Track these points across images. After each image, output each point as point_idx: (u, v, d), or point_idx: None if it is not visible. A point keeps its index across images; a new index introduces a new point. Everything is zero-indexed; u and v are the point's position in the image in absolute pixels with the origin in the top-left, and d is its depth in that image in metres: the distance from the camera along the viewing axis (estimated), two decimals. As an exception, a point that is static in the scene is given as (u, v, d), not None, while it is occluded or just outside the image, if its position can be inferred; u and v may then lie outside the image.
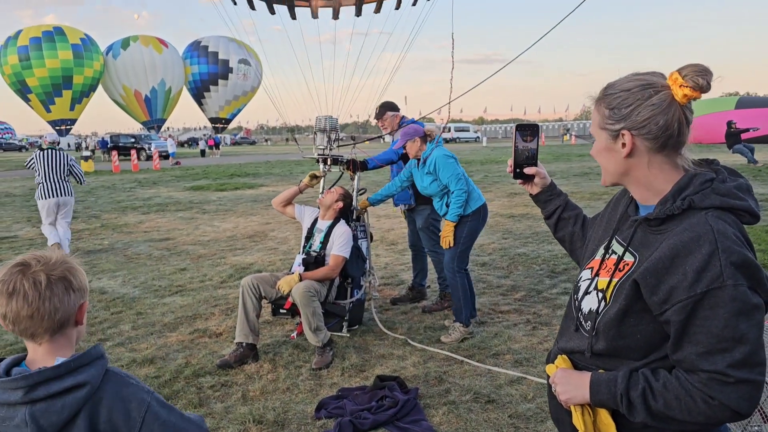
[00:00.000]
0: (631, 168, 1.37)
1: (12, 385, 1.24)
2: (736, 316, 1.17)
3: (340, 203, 4.73)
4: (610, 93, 1.36)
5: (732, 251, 1.18)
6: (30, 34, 40.03)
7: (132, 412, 1.31)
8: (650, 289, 1.27)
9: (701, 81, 1.25)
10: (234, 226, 10.56)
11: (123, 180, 21.82)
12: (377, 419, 3.35)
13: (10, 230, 10.58)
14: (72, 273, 1.35)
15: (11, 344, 4.71)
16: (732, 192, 1.28)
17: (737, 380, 1.18)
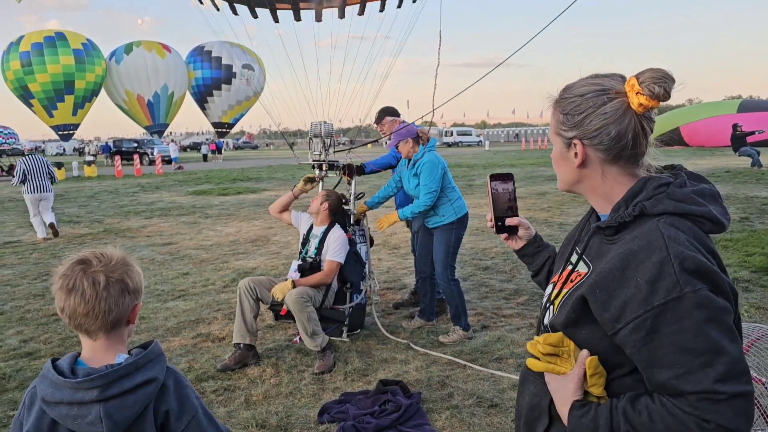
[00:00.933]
0: (585, 178, 1.29)
1: (88, 384, 1.28)
2: (706, 323, 1.05)
3: (325, 204, 4.72)
4: (565, 97, 1.27)
5: (685, 256, 1.08)
6: (32, 39, 40.17)
7: (183, 415, 1.39)
8: (600, 304, 1.15)
9: (657, 89, 1.14)
10: (236, 230, 10.57)
11: (126, 185, 21.86)
12: (380, 424, 3.34)
13: (13, 235, 10.61)
14: (129, 275, 1.40)
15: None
16: (689, 197, 1.17)
17: (729, 395, 1.05)
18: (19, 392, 3.92)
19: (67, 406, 1.29)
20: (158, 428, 1.37)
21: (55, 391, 1.30)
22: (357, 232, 5.03)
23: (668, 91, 1.15)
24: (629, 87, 1.17)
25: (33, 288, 6.69)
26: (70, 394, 1.29)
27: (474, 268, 7.04)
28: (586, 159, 1.26)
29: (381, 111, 5.46)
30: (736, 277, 6.06)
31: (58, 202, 16.02)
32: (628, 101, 1.18)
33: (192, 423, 1.39)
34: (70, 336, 4.99)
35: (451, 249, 4.74)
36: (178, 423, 1.38)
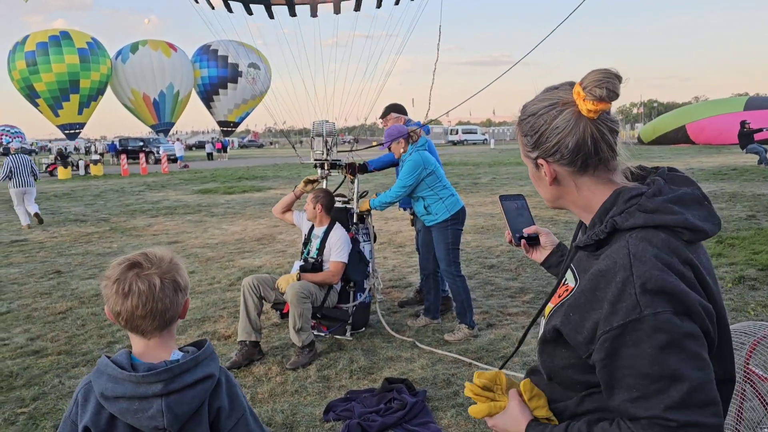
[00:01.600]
0: (562, 193, 1.25)
1: (152, 378, 1.31)
2: (663, 348, 1.00)
3: (319, 206, 4.72)
4: (522, 118, 1.24)
5: (648, 276, 1.02)
6: (37, 39, 40.32)
7: (233, 412, 1.42)
8: (574, 327, 1.12)
9: (598, 92, 1.10)
10: (242, 229, 10.59)
11: (132, 183, 21.94)
12: (385, 422, 3.35)
13: (20, 233, 10.66)
14: (179, 273, 1.44)
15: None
16: (662, 207, 1.10)
17: (680, 424, 0.99)
18: (26, 390, 3.94)
19: (128, 400, 1.31)
20: (210, 425, 1.40)
21: (116, 386, 1.31)
22: (360, 231, 5.03)
23: (613, 90, 1.11)
24: (576, 95, 1.14)
25: (40, 286, 6.73)
26: (132, 389, 1.31)
27: (479, 266, 7.04)
28: (555, 175, 1.23)
29: (387, 107, 5.48)
30: (742, 275, 6.04)
31: (64, 200, 16.10)
32: (578, 109, 1.14)
33: (240, 422, 1.43)
34: (77, 334, 5.01)
35: (450, 246, 4.75)
36: (228, 420, 1.42)
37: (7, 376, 4.18)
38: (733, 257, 6.87)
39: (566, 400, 1.24)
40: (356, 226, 5.00)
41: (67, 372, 4.24)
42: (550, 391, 1.27)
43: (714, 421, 1.00)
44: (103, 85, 42.91)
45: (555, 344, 1.20)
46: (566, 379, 1.21)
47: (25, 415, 3.61)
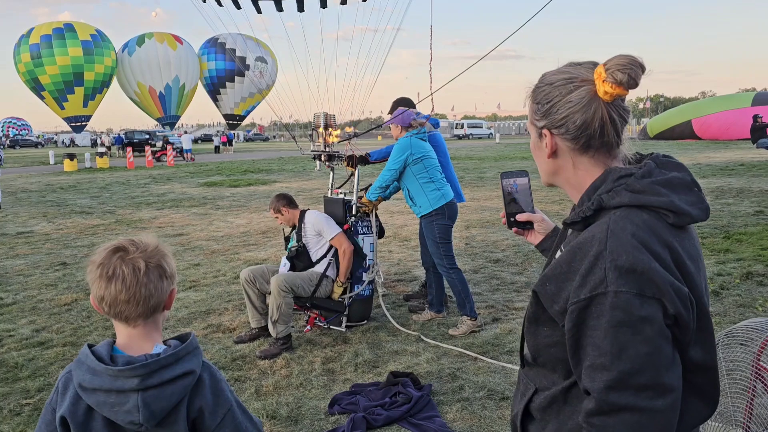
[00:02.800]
0: (559, 169, 1.26)
1: (129, 373, 1.28)
2: (616, 327, 1.02)
3: (282, 208, 4.80)
4: (538, 86, 1.25)
5: (620, 253, 1.04)
6: (41, 31, 40.42)
7: (218, 408, 1.38)
8: (550, 297, 1.14)
9: (620, 76, 1.10)
10: (247, 222, 10.59)
11: (137, 176, 21.98)
12: (390, 415, 3.33)
13: (26, 225, 10.69)
14: (165, 260, 1.41)
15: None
16: (649, 188, 1.11)
17: (615, 406, 1.02)
18: (32, 381, 3.95)
19: (104, 393, 1.29)
20: (190, 424, 1.36)
21: (94, 378, 1.29)
22: (358, 224, 4.93)
23: (634, 78, 1.11)
24: (597, 75, 1.14)
25: (45, 278, 6.74)
26: (109, 382, 1.28)
27: (485, 261, 7.01)
28: (556, 149, 1.24)
29: (395, 102, 5.43)
30: (750, 271, 6.00)
31: (70, 193, 16.13)
32: (595, 89, 1.15)
33: (227, 417, 1.39)
34: (82, 326, 5.02)
35: (438, 240, 4.71)
36: (214, 417, 1.38)
37: (12, 367, 4.19)
38: (741, 253, 6.83)
39: (552, 386, 1.23)
40: (354, 218, 4.92)
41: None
42: (537, 380, 1.27)
43: (649, 404, 1.01)
44: (108, 78, 42.96)
45: (537, 323, 1.21)
46: (550, 358, 1.21)
47: (30, 406, 3.61)
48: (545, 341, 1.21)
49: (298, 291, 4.41)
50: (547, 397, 1.23)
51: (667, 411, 1.03)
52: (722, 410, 2.25)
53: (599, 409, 1.04)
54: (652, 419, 1.02)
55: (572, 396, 1.18)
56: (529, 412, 1.29)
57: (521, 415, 1.30)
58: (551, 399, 1.23)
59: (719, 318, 4.75)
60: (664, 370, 1.03)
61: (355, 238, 4.82)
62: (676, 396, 1.04)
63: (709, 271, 6.16)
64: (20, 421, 3.42)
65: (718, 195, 12.06)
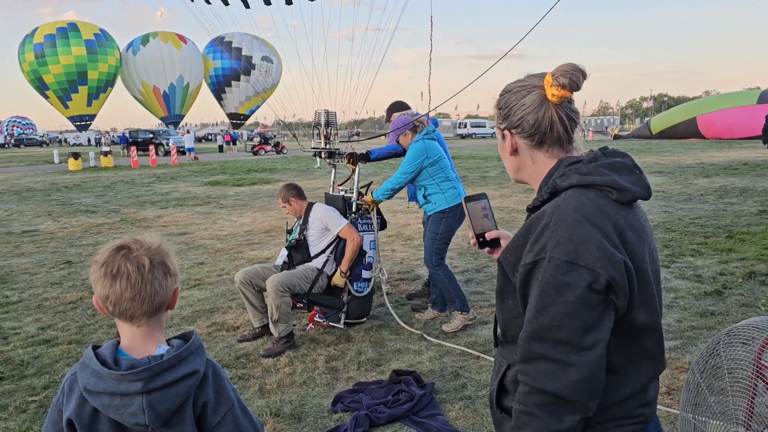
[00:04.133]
0: (521, 165, 1.44)
1: (132, 377, 1.29)
2: (543, 287, 1.19)
3: (291, 198, 4.83)
4: (501, 94, 1.44)
5: (561, 224, 1.20)
6: (45, 31, 40.55)
7: (220, 406, 1.40)
8: (511, 267, 1.30)
9: (563, 80, 1.29)
10: (251, 221, 10.62)
11: (142, 175, 22.03)
12: (393, 413, 3.35)
13: (31, 224, 10.73)
14: (169, 258, 1.41)
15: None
16: (594, 170, 1.28)
17: (533, 354, 1.19)
18: (37, 379, 3.98)
19: (109, 396, 1.29)
20: (196, 419, 1.38)
21: (98, 381, 1.30)
22: (358, 221, 4.92)
23: (575, 82, 1.30)
24: (546, 81, 1.33)
25: (50, 276, 6.77)
26: (113, 385, 1.29)
27: (487, 259, 7.02)
28: (516, 147, 1.41)
29: (388, 109, 5.42)
30: (753, 270, 5.99)
31: (74, 191, 16.19)
32: (545, 93, 1.34)
33: (228, 415, 1.40)
34: (87, 324, 5.05)
35: (438, 237, 4.74)
36: (215, 414, 1.39)
37: (18, 365, 4.22)
38: (744, 252, 6.83)
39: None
40: (354, 215, 4.92)
41: (77, 361, 4.26)
42: (509, 356, 1.39)
43: (563, 357, 1.16)
44: (112, 77, 43.04)
45: (503, 295, 1.36)
46: (516, 331, 1.32)
47: (36, 404, 3.64)
48: (511, 313, 1.35)
49: (294, 289, 4.43)
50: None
51: (583, 366, 1.16)
52: (723, 409, 2.26)
53: (522, 356, 1.23)
54: (566, 370, 1.17)
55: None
56: (504, 387, 1.40)
57: (497, 390, 1.41)
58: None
59: (722, 317, 4.75)
60: (580, 331, 1.16)
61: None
62: (593, 356, 1.16)
63: (712, 270, 6.16)
64: (26, 418, 3.45)
65: (722, 194, 12.04)
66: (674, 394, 3.52)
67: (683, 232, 8.19)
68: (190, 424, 1.36)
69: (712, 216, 9.51)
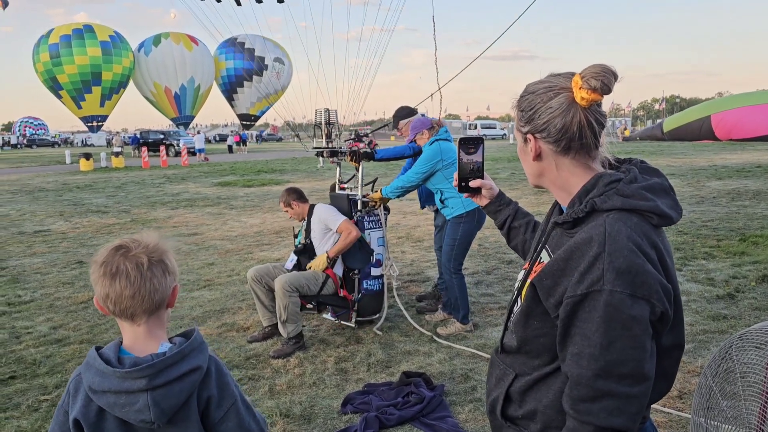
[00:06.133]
0: (543, 171, 1.37)
1: (136, 374, 1.31)
2: (608, 322, 1.13)
3: (292, 202, 4.86)
4: (522, 95, 1.36)
5: (618, 255, 1.14)
6: (61, 32, 41.01)
7: (223, 401, 1.41)
8: (546, 291, 1.25)
9: (594, 83, 1.22)
10: (261, 221, 10.65)
11: (152, 175, 22.15)
12: (403, 415, 3.35)
13: (43, 224, 10.82)
14: (167, 257, 1.42)
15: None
16: (637, 193, 1.23)
17: (599, 392, 1.15)
18: (49, 378, 4.01)
19: (114, 394, 1.31)
20: (200, 415, 1.40)
21: (103, 381, 1.31)
22: (364, 218, 4.88)
23: (607, 84, 1.23)
24: (574, 83, 1.26)
25: (62, 276, 6.82)
26: (117, 383, 1.31)
27: (498, 262, 7.01)
28: (540, 152, 1.34)
29: (395, 117, 5.40)
30: (766, 273, 5.94)
31: (86, 192, 16.30)
32: (573, 96, 1.26)
33: (231, 410, 1.41)
34: (98, 323, 5.08)
35: (457, 242, 4.71)
36: (219, 409, 1.41)
37: (30, 364, 4.25)
38: (757, 255, 6.77)
39: (533, 372, 1.35)
40: (360, 213, 4.88)
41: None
42: (516, 365, 1.39)
43: (627, 390, 1.15)
44: (126, 79, 43.42)
45: (529, 316, 1.32)
46: (537, 346, 1.32)
47: (48, 403, 3.66)
48: (535, 333, 1.32)
49: (302, 290, 4.42)
50: (529, 381, 1.35)
51: (641, 396, 1.16)
52: (736, 413, 2.24)
53: (586, 395, 1.17)
54: (629, 403, 1.15)
55: (551, 378, 1.31)
56: (509, 396, 1.39)
57: (503, 399, 1.40)
58: (532, 383, 1.34)
59: (734, 321, 4.72)
60: (642, 363, 1.15)
61: (361, 233, 4.78)
62: (650, 383, 1.17)
63: (724, 273, 6.11)
64: (38, 417, 3.48)
65: (734, 197, 11.95)
66: (686, 398, 3.49)
67: (695, 235, 8.14)
68: (195, 420, 1.38)
69: (725, 219, 9.44)
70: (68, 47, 40.18)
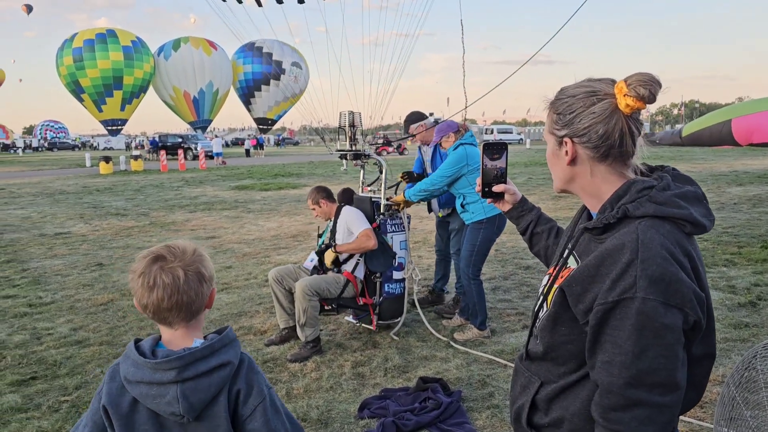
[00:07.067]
0: (576, 176, 1.35)
1: (167, 366, 1.35)
2: (640, 330, 1.12)
3: (321, 200, 4.81)
4: (559, 98, 1.34)
5: (651, 263, 1.13)
6: (84, 36, 41.66)
7: (251, 399, 1.43)
8: (576, 297, 1.24)
9: (642, 91, 1.20)
10: (278, 225, 10.69)
11: (171, 179, 22.34)
12: (420, 421, 3.34)
13: (63, 226, 10.95)
14: (203, 264, 1.46)
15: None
16: (670, 200, 1.21)
17: (630, 401, 1.14)
18: (69, 379, 4.05)
19: (146, 385, 1.36)
20: (231, 413, 1.42)
21: (136, 371, 1.37)
22: (387, 222, 4.87)
23: (654, 94, 1.21)
24: (618, 89, 1.24)
25: (82, 278, 6.90)
26: (149, 374, 1.35)
27: (515, 267, 6.97)
28: (576, 157, 1.32)
29: (406, 120, 5.43)
30: (789, 281, 5.85)
31: (105, 195, 16.48)
32: (616, 102, 1.25)
33: (258, 409, 1.43)
34: (117, 325, 5.13)
35: (476, 248, 4.69)
36: (245, 407, 1.43)
37: (51, 365, 4.30)
38: (780, 263, 6.67)
39: (557, 379, 1.33)
40: (383, 216, 4.88)
41: (108, 362, 4.34)
42: (541, 373, 1.38)
43: (660, 400, 1.14)
44: (146, 83, 43.97)
45: (557, 322, 1.30)
46: (564, 353, 1.31)
47: (68, 403, 3.70)
48: (562, 339, 1.31)
49: (323, 294, 4.42)
50: (555, 389, 1.33)
51: (673, 405, 1.15)
52: (760, 424, 2.21)
53: (617, 404, 1.16)
54: (661, 413, 1.14)
55: (578, 386, 1.30)
56: (535, 404, 1.38)
57: (528, 407, 1.39)
58: (559, 390, 1.33)
59: (756, 329, 4.65)
60: (674, 371, 1.14)
61: (384, 236, 4.78)
62: (681, 392, 1.16)
63: (746, 281, 6.03)
64: (59, 417, 3.51)
65: (756, 203, 11.79)
66: (707, 407, 3.45)
67: (716, 242, 8.04)
68: (224, 418, 1.40)
69: (746, 225, 9.32)
70: (91, 51, 40.81)
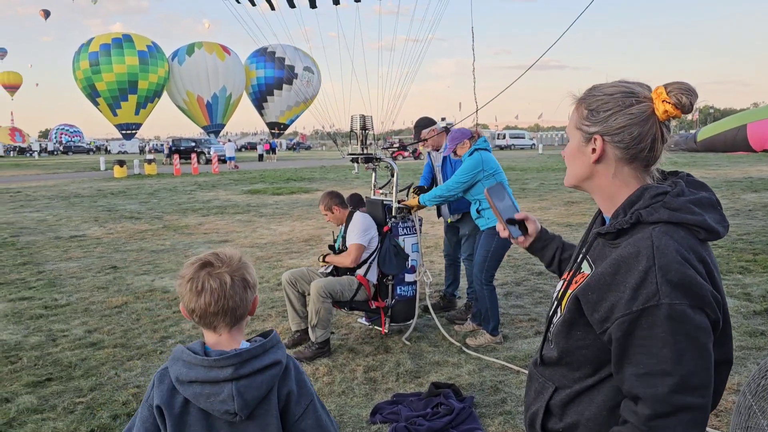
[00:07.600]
0: (596, 174, 1.33)
1: (224, 362, 1.38)
2: (674, 335, 1.12)
3: (334, 207, 4.81)
4: (593, 94, 1.32)
5: (669, 268, 1.13)
6: (101, 41, 42.18)
7: (301, 398, 1.48)
8: (591, 305, 1.23)
9: (684, 99, 1.21)
10: (290, 229, 10.73)
11: (184, 183, 22.48)
12: (432, 426, 3.33)
13: (78, 229, 11.05)
14: (248, 272, 1.50)
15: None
16: (684, 206, 1.21)
17: (676, 407, 1.13)
18: (84, 380, 4.08)
19: (200, 384, 1.38)
20: (280, 412, 1.45)
21: (190, 371, 1.39)
22: (399, 225, 4.85)
23: (693, 104, 1.21)
24: (656, 95, 1.23)
25: (97, 280, 6.96)
26: (204, 373, 1.38)
27: (527, 273, 6.95)
28: (602, 155, 1.30)
29: (416, 127, 5.44)
30: (806, 289, 5.79)
31: (120, 198, 16.61)
32: (653, 107, 1.24)
33: (309, 408, 1.48)
34: (131, 328, 5.17)
35: (490, 253, 4.67)
36: (297, 406, 1.46)
37: (66, 367, 4.34)
38: (796, 270, 6.60)
39: (572, 384, 1.33)
40: (395, 219, 4.86)
41: (122, 365, 4.37)
42: (555, 378, 1.37)
43: (701, 401, 1.14)
44: (160, 88, 44.38)
45: (572, 327, 1.30)
46: (579, 357, 1.31)
47: (83, 405, 3.73)
48: (577, 344, 1.30)
49: (336, 296, 4.45)
50: (570, 394, 1.33)
51: (708, 405, 1.16)
52: (776, 433, 2.18)
53: (663, 412, 1.14)
54: (702, 413, 1.15)
55: (594, 391, 1.29)
56: (549, 409, 1.37)
57: (543, 412, 1.38)
58: (574, 395, 1.32)
59: (772, 337, 4.60)
60: (709, 371, 1.15)
61: (395, 239, 4.77)
62: (711, 391, 1.17)
63: (761, 288, 5.97)
64: (73, 419, 3.54)
65: (772, 210, 11.68)
66: (722, 415, 3.42)
67: (731, 249, 7.97)
68: (274, 416, 1.43)
69: (761, 232, 9.23)
70: (107, 56, 41.31)
